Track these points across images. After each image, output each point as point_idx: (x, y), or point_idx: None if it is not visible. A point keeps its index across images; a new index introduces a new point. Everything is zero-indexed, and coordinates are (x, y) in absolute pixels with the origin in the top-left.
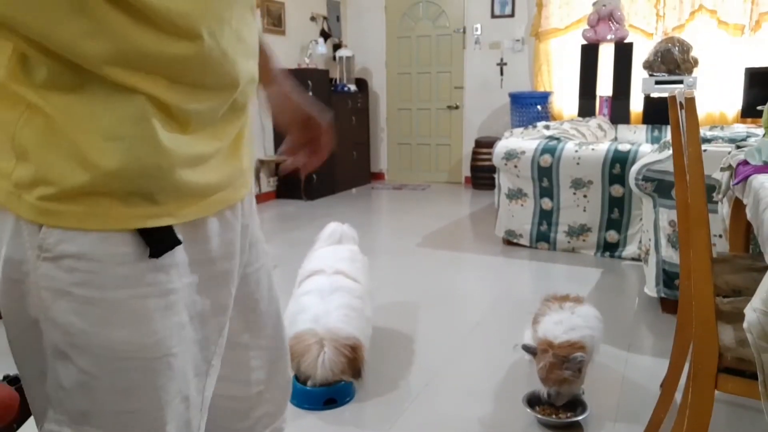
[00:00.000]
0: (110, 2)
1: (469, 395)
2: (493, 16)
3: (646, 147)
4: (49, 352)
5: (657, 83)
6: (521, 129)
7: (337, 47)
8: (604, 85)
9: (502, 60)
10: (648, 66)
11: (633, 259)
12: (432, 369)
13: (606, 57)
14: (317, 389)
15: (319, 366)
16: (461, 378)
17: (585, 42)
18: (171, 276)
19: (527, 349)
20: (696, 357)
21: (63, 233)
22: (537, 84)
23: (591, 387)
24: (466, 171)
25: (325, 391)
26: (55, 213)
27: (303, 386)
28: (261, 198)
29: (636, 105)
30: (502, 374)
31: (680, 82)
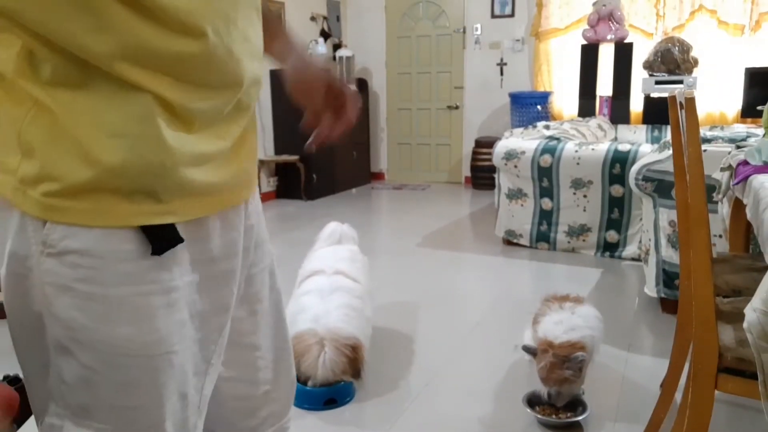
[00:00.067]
0: None
1: (469, 395)
2: (493, 16)
3: (646, 147)
4: (52, 347)
5: (657, 83)
6: (521, 129)
7: (337, 47)
8: (604, 85)
9: (502, 60)
10: (648, 66)
11: (633, 259)
12: (432, 369)
13: (606, 57)
14: (317, 389)
15: (320, 366)
16: (461, 378)
17: (585, 42)
18: (173, 274)
19: (527, 350)
20: (696, 357)
21: (67, 229)
22: (537, 84)
23: (591, 387)
24: (466, 171)
25: (326, 392)
26: (60, 209)
27: (303, 386)
28: (261, 198)
29: (636, 105)
30: (502, 374)
31: (680, 82)
